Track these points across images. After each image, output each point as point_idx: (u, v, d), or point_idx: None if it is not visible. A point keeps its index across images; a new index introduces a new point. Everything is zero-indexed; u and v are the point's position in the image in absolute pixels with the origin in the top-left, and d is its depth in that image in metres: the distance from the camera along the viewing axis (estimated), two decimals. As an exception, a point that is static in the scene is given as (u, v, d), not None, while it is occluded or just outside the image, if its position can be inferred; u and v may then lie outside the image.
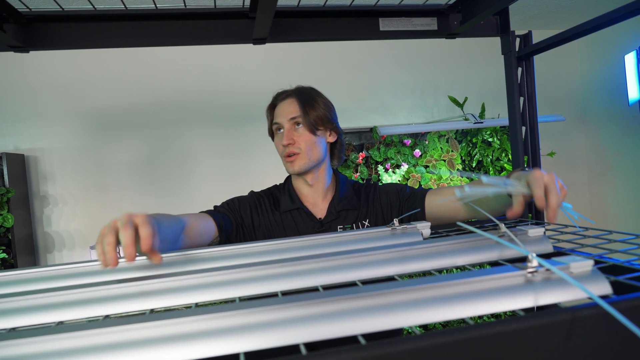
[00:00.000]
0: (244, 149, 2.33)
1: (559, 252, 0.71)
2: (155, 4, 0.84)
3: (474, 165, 2.30)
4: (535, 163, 1.07)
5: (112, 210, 2.19)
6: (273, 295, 0.54)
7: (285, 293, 0.58)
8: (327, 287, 0.55)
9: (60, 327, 0.38)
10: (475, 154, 2.30)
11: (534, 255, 0.50)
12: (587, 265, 0.49)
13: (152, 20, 0.88)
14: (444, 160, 2.28)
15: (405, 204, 0.98)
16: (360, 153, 2.23)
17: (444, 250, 0.70)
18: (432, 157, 2.28)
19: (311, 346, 0.38)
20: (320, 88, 0.99)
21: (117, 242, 0.55)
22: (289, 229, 0.95)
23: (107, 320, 0.39)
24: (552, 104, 2.52)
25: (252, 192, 1.03)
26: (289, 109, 0.95)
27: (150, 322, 0.37)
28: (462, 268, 0.64)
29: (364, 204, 0.99)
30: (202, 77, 2.26)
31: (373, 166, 2.26)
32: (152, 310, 0.51)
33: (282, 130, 0.96)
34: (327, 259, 0.66)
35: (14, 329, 0.48)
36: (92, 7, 0.83)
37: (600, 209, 2.59)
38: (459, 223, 0.67)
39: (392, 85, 2.52)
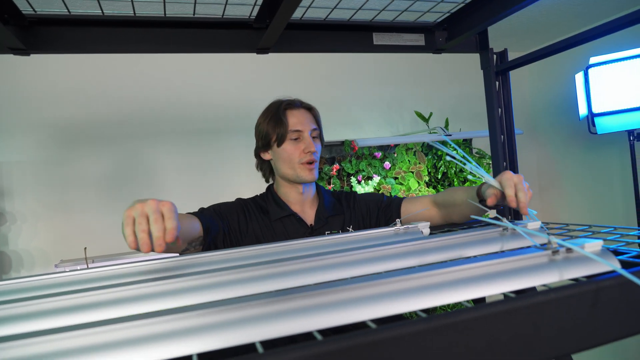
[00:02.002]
0: (215, 164, 2.31)
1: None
2: (164, 12, 0.86)
3: (439, 177, 2.42)
4: (513, 167, 1.17)
5: (77, 227, 2.09)
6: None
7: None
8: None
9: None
10: (440, 166, 2.42)
11: (554, 238, 0.56)
12: (598, 245, 0.56)
13: (158, 28, 0.89)
14: (412, 172, 2.38)
15: (383, 211, 1.04)
16: (334, 165, 2.29)
17: (454, 243, 0.75)
18: (401, 169, 2.37)
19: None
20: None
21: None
22: (279, 236, 0.97)
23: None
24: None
25: (238, 198, 1.04)
26: (309, 119, 1.01)
27: (99, 328, 0.38)
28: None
29: (347, 210, 1.04)
30: (172, 89, 2.24)
31: (345, 178, 2.32)
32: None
33: (299, 138, 0.99)
34: (347, 253, 0.69)
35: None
36: (100, 11, 0.83)
37: (551, 217, 2.80)
38: (473, 216, 0.73)
39: (359, 100, 2.61)
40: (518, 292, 0.49)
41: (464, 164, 0.77)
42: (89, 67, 2.11)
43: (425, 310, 0.47)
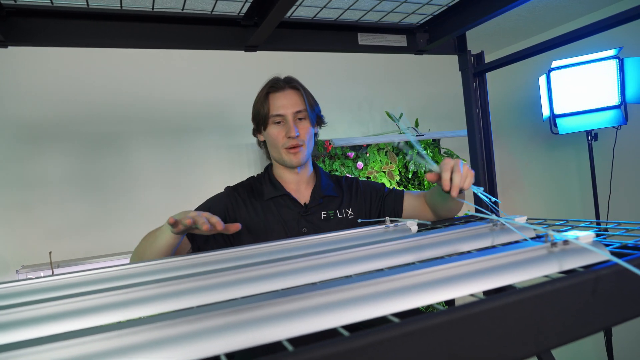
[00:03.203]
0: (185, 164, 2.26)
1: (538, 236, 0.83)
2: (153, 5, 0.83)
3: (409, 176, 2.48)
4: (490, 166, 1.22)
5: (38, 230, 1.99)
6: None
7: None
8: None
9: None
10: (411, 166, 2.48)
11: (552, 231, 0.59)
12: (590, 237, 0.60)
13: (144, 22, 0.86)
14: (384, 172, 2.43)
15: (385, 200, 1.07)
16: (308, 165, 2.29)
17: (448, 239, 0.78)
18: (373, 169, 2.41)
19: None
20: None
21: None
22: (270, 217, 0.97)
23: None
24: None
25: (227, 187, 1.05)
26: (293, 101, 1.00)
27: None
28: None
29: (347, 193, 1.06)
30: (141, 86, 2.17)
31: (318, 178, 2.33)
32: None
33: (281, 122, 0.99)
34: (347, 251, 0.69)
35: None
36: (85, 3, 0.79)
37: (511, 212, 2.94)
38: (470, 212, 0.76)
39: (331, 99, 2.63)
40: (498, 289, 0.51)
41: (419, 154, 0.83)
42: (51, 61, 2.01)
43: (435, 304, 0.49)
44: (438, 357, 0.41)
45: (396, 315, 0.45)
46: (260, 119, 1.00)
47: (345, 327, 0.43)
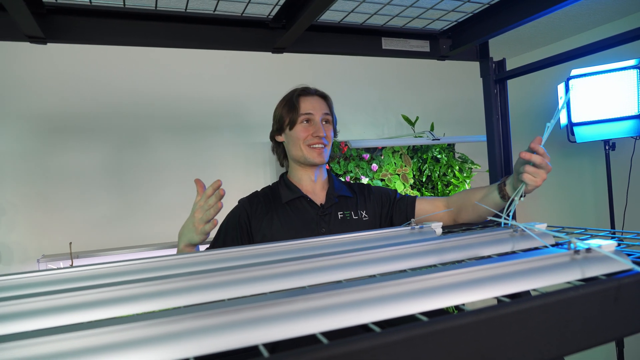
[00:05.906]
0: (201, 160, 2.29)
1: (557, 243, 0.83)
2: (186, 6, 0.86)
3: (423, 179, 2.49)
4: (509, 171, 1.23)
5: (59, 220, 2.03)
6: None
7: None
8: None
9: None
10: (425, 170, 2.48)
11: (575, 239, 0.61)
12: (612, 245, 0.61)
13: (177, 22, 0.89)
14: (398, 175, 2.44)
15: (396, 205, 1.09)
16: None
17: (469, 243, 0.79)
18: (388, 172, 2.42)
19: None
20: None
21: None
22: (288, 219, 1.01)
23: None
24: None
25: (240, 200, 1.08)
26: (322, 105, 1.07)
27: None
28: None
29: (360, 196, 1.10)
30: (161, 83, 2.20)
31: (333, 178, 2.35)
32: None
33: (310, 122, 1.05)
34: (373, 251, 0.71)
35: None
36: (122, 3, 0.82)
37: (524, 219, 2.92)
38: (490, 218, 0.77)
39: (346, 101, 2.65)
40: (512, 296, 0.52)
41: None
42: (73, 57, 2.05)
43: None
44: (463, 355, 0.43)
45: (423, 314, 0.46)
46: (288, 119, 1.04)
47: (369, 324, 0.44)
